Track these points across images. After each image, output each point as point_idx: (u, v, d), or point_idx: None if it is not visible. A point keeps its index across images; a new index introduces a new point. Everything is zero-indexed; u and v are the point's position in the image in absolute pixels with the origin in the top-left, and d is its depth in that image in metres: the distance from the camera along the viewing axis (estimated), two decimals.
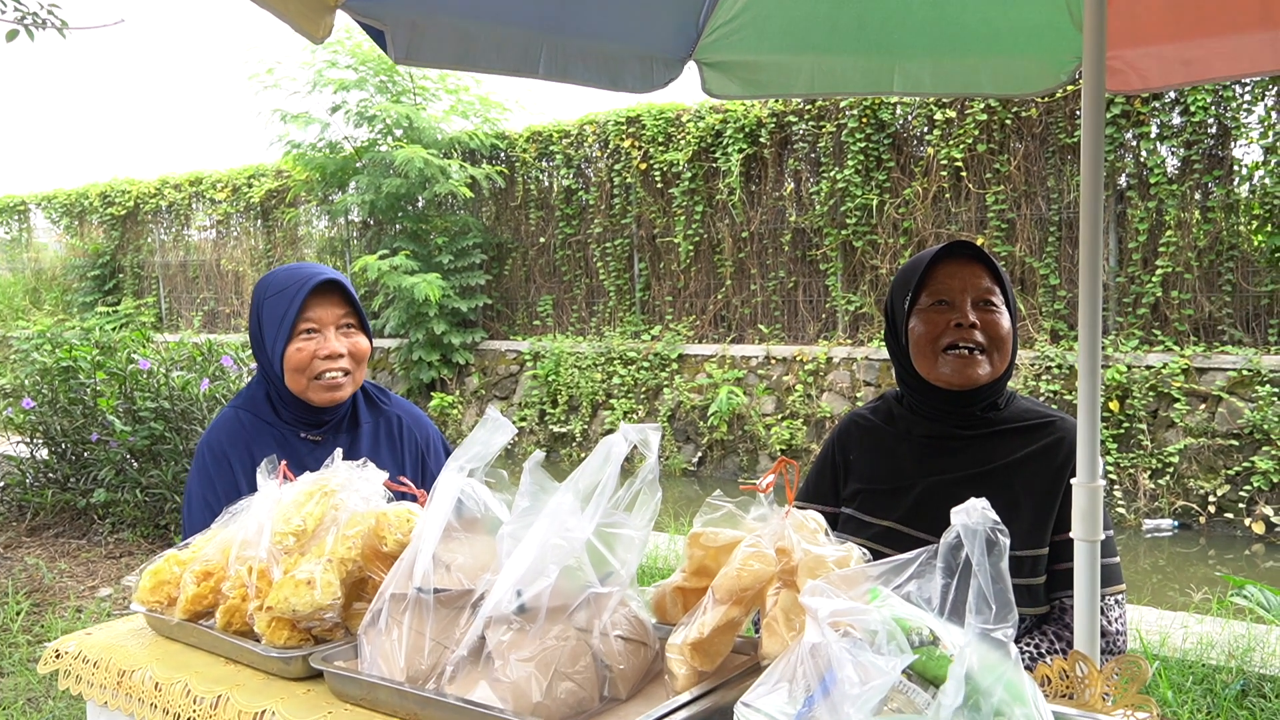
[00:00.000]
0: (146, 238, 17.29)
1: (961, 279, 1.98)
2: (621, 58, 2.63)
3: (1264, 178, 7.90)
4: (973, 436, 2.02)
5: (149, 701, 1.65)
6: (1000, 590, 1.14)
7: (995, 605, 1.14)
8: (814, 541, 1.41)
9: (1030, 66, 2.85)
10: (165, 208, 16.78)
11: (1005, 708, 1.12)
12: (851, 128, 9.71)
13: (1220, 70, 2.73)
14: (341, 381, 2.29)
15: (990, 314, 1.97)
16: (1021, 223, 9.00)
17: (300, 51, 13.96)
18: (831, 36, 2.80)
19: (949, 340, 1.96)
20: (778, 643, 1.35)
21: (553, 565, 1.38)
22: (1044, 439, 2.00)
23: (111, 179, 17.61)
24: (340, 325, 2.29)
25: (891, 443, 2.10)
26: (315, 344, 2.26)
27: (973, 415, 2.02)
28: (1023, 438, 2.01)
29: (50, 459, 6.88)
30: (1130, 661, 1.37)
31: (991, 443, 2.01)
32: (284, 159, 13.37)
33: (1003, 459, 1.99)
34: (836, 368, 9.72)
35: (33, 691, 4.23)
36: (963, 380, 1.97)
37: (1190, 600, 5.48)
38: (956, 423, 2.03)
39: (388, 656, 1.46)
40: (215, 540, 1.78)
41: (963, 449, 2.02)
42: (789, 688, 1.18)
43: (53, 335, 7.25)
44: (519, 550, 1.41)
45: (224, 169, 15.94)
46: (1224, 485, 7.67)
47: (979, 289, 1.97)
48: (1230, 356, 7.80)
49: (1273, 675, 3.71)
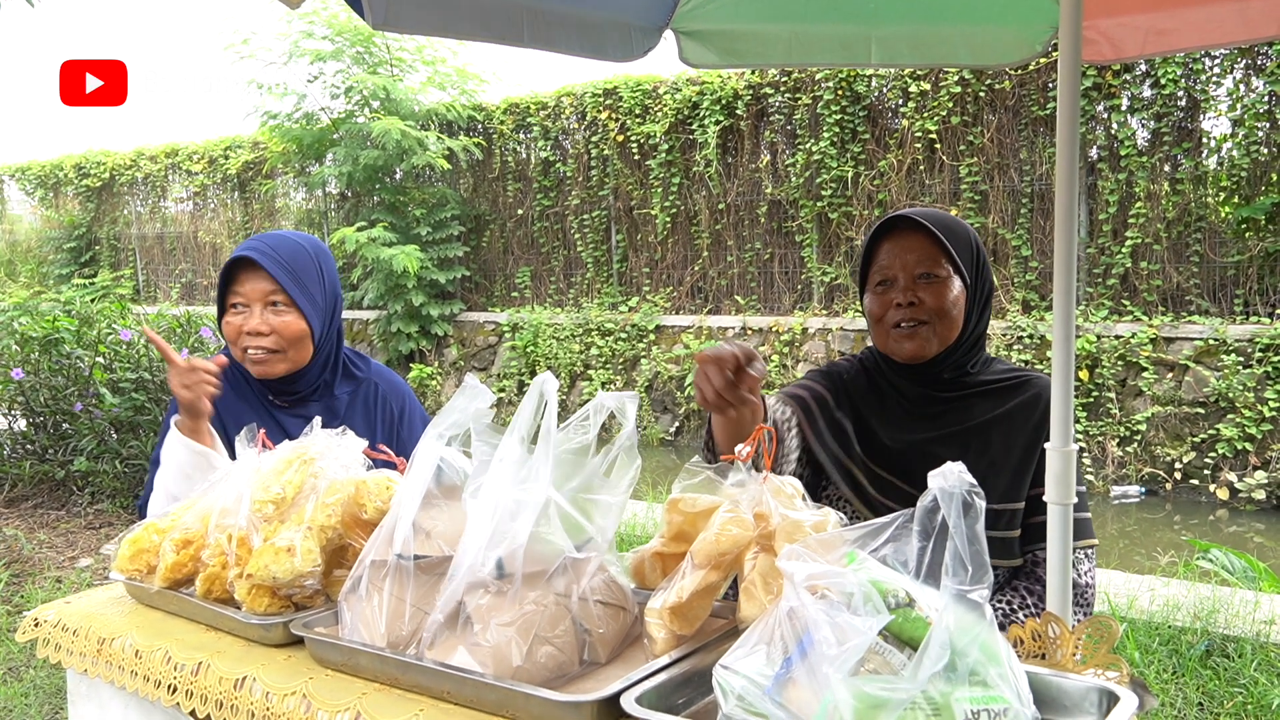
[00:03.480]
0: (123, 210, 17.08)
1: (900, 255, 1.97)
2: (601, 26, 2.60)
3: (1231, 150, 7.94)
4: (952, 398, 2.03)
5: (129, 669, 1.64)
6: (976, 552, 1.14)
7: (971, 567, 1.14)
8: (791, 506, 1.41)
9: (1006, 36, 2.84)
10: (141, 179, 16.57)
11: (980, 668, 1.12)
12: (827, 100, 9.68)
13: (1192, 40, 2.73)
14: (264, 358, 2.24)
15: (932, 285, 1.95)
16: (994, 194, 9.01)
17: (276, 22, 13.78)
18: (808, 5, 2.78)
19: (893, 319, 1.98)
20: (756, 606, 1.35)
21: (521, 524, 1.37)
22: (1020, 396, 2.03)
23: (86, 150, 17.36)
24: (268, 302, 2.24)
25: (882, 392, 2.10)
26: (242, 319, 2.24)
27: (941, 379, 2.03)
28: (1000, 396, 2.03)
29: (28, 430, 6.81)
30: (1100, 622, 1.38)
31: (970, 403, 2.02)
32: (260, 130, 13.21)
33: (981, 417, 2.01)
34: (812, 338, 9.74)
35: (13, 661, 4.21)
36: (912, 355, 1.98)
37: (1157, 564, 5.55)
38: (932, 385, 2.04)
39: (368, 623, 1.45)
40: (195, 508, 1.76)
41: (943, 411, 2.03)
42: (767, 650, 1.18)
43: (31, 307, 7.16)
44: (478, 511, 1.40)
45: (200, 140, 15.74)
46: (1190, 452, 7.75)
47: (918, 262, 1.95)
48: (1197, 326, 7.86)
49: (1236, 636, 3.76)
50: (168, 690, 1.57)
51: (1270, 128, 7.75)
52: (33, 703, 3.82)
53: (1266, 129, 7.77)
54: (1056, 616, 1.40)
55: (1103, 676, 1.30)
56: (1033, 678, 1.24)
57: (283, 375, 2.29)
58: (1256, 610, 3.94)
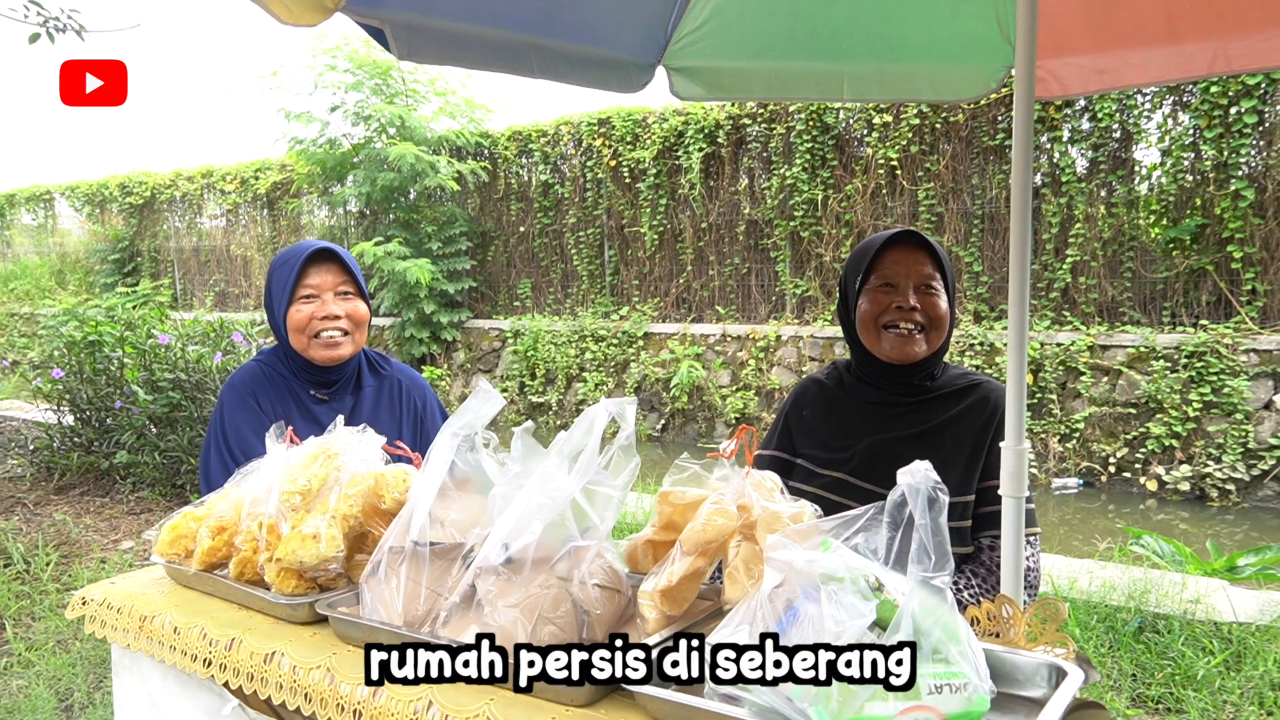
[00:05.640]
0: (162, 225, 16.97)
1: (906, 265, 1.98)
2: (602, 62, 2.59)
3: (1160, 177, 7.97)
4: (913, 402, 2.03)
5: (168, 644, 1.63)
6: (939, 543, 1.14)
7: (934, 556, 1.14)
8: (771, 499, 1.41)
9: (964, 74, 2.84)
10: (179, 198, 16.47)
11: (942, 646, 1.12)
12: (799, 130, 9.69)
13: (1130, 79, 2.73)
14: (340, 340, 2.28)
15: (930, 296, 1.97)
16: (949, 216, 9.03)
17: (303, 56, 13.72)
18: (788, 45, 2.78)
19: (890, 319, 1.98)
20: (739, 589, 1.35)
21: (538, 522, 1.37)
22: (971, 399, 2.03)
23: (130, 171, 17.25)
24: (339, 291, 2.29)
25: (842, 404, 2.11)
26: (314, 307, 2.26)
27: (911, 383, 2.03)
28: (954, 400, 2.03)
29: (76, 425, 6.77)
30: (1049, 604, 1.37)
31: (929, 406, 2.03)
32: (288, 154, 13.15)
33: (937, 419, 2.01)
34: (785, 345, 9.74)
35: (61, 634, 4.17)
36: (902, 356, 1.98)
37: (1095, 549, 5.56)
38: (898, 390, 2.04)
39: (387, 603, 1.44)
40: (229, 498, 1.75)
41: (904, 413, 2.03)
42: (749, 629, 1.18)
43: (78, 313, 7.12)
44: (510, 509, 1.39)
45: (233, 163, 15.64)
46: (1123, 448, 7.77)
47: (921, 274, 1.97)
48: (1130, 335, 7.89)
49: (1165, 614, 3.77)
50: (203, 664, 1.56)
51: (1195, 158, 7.79)
52: (79, 672, 3.79)
53: (1191, 158, 7.80)
54: (1009, 598, 1.39)
55: (1051, 653, 1.30)
56: (989, 655, 1.24)
57: (347, 358, 2.31)
58: (1184, 590, 3.95)
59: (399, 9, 2.04)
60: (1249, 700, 3.22)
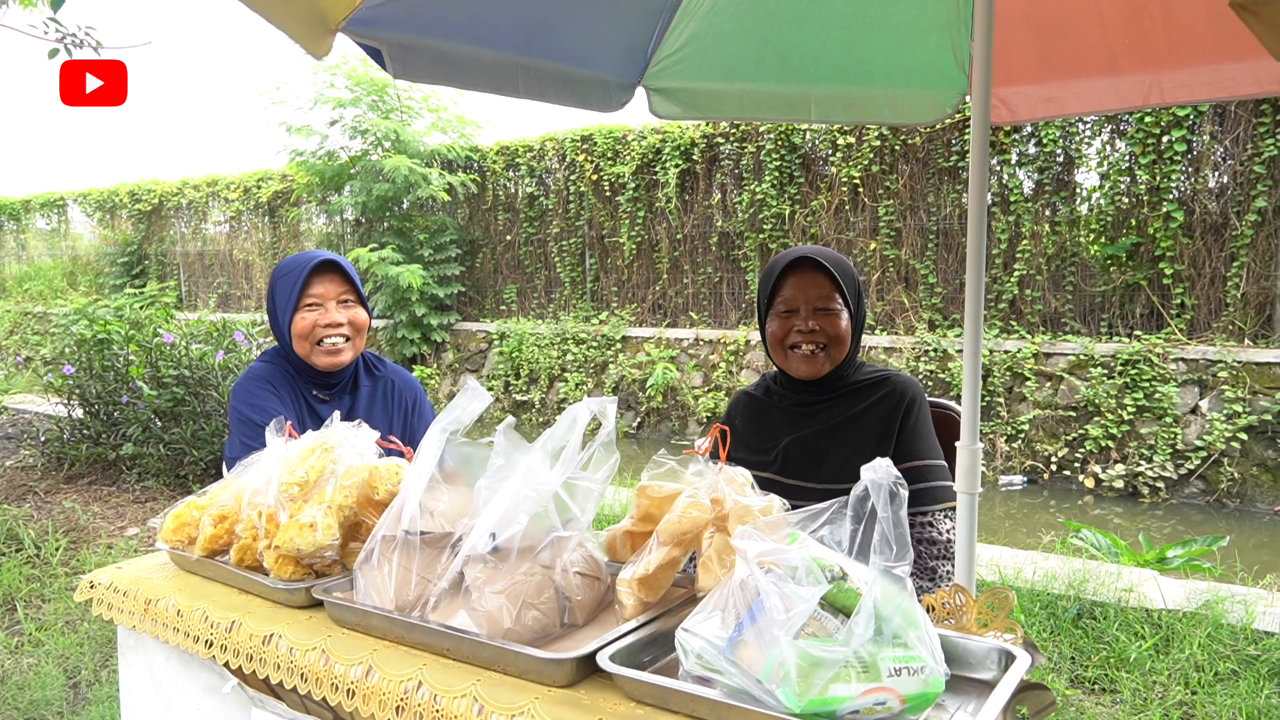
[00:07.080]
0: (169, 230, 16.77)
1: (805, 289, 1.99)
2: (585, 82, 2.58)
3: (1099, 199, 8.05)
4: (827, 399, 2.05)
5: (172, 626, 1.61)
6: (900, 534, 1.14)
7: (895, 547, 1.13)
8: (743, 494, 1.40)
9: (923, 99, 2.86)
10: (185, 205, 16.28)
11: (901, 632, 1.12)
12: (769, 149, 9.71)
13: (1074, 108, 2.76)
14: (341, 347, 2.28)
15: (829, 316, 1.98)
16: (907, 231, 9.08)
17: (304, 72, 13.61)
18: (760, 69, 2.79)
19: (793, 341, 2.00)
20: (712, 578, 1.34)
21: (523, 513, 1.36)
22: (880, 392, 2.03)
23: (139, 179, 17.04)
24: (340, 300, 2.28)
25: (767, 410, 2.13)
26: (317, 314, 2.25)
27: (821, 386, 2.05)
28: (865, 393, 2.04)
29: (85, 418, 6.67)
30: (999, 593, 1.38)
31: (843, 402, 2.04)
32: (289, 165, 13.03)
33: (851, 412, 2.02)
34: (754, 348, 9.75)
35: (70, 616, 4.11)
36: (808, 373, 2.01)
37: (1038, 541, 5.60)
38: (814, 393, 2.05)
39: (379, 589, 1.43)
40: (230, 488, 1.73)
41: (820, 410, 2.05)
42: (721, 616, 1.17)
43: (88, 312, 7.02)
44: (495, 500, 1.38)
45: (236, 172, 15.48)
46: (1064, 448, 7.84)
47: (819, 296, 1.98)
48: (1070, 344, 7.96)
49: (1101, 601, 3.80)
50: (205, 645, 1.54)
51: (1130, 181, 7.87)
52: (87, 651, 3.74)
53: (1127, 182, 7.89)
54: (963, 587, 1.40)
55: (1001, 638, 1.30)
56: (944, 640, 1.24)
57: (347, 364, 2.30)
58: (1118, 580, 3.99)
59: (396, 30, 2.03)
60: (1176, 680, 3.25)
